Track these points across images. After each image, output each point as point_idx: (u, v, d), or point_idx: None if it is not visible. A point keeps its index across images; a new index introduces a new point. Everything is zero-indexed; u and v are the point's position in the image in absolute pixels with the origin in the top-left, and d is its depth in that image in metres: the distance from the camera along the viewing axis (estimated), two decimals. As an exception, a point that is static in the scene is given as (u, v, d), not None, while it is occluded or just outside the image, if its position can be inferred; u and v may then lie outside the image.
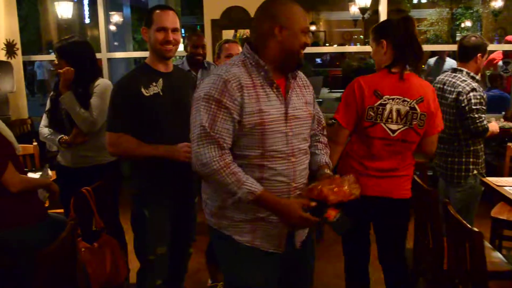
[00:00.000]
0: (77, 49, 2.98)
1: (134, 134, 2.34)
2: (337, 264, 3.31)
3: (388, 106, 2.37)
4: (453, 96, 3.13)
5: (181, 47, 3.00)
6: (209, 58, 5.13)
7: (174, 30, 2.37)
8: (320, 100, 11.58)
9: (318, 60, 17.26)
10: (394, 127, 2.39)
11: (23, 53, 5.86)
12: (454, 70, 3.26)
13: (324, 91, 13.68)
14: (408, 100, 2.37)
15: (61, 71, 2.91)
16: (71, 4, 5.69)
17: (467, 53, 3.21)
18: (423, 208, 2.64)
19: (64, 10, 5.50)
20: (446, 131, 3.09)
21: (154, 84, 2.36)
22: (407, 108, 2.37)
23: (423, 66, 7.13)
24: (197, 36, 4.24)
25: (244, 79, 1.77)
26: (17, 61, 5.75)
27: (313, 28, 16.96)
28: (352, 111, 2.42)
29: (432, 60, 7.70)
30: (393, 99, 2.37)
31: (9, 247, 2.48)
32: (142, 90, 2.32)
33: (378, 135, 2.40)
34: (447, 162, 3.26)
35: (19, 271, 2.49)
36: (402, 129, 2.39)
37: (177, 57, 5.52)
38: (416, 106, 2.38)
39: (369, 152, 2.45)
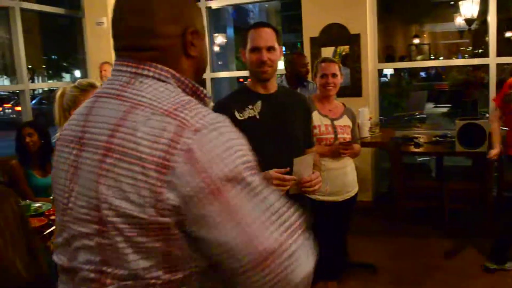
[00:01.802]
0: None
1: None
2: None
3: None
4: None
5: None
6: (309, 76, 5.19)
7: (270, 49, 2.16)
8: (424, 116, 11.13)
9: (423, 74, 16.64)
10: None
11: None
12: None
13: (429, 106, 13.13)
14: None
15: None
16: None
17: None
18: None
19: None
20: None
21: (250, 107, 2.19)
22: None
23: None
24: (302, 56, 4.37)
25: None
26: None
27: (416, 41, 16.43)
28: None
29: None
30: None
31: None
32: (236, 114, 2.16)
33: None
34: None
35: None
36: None
37: (278, 75, 5.60)
38: None
39: None
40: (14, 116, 15.74)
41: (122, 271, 0.97)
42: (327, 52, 5.39)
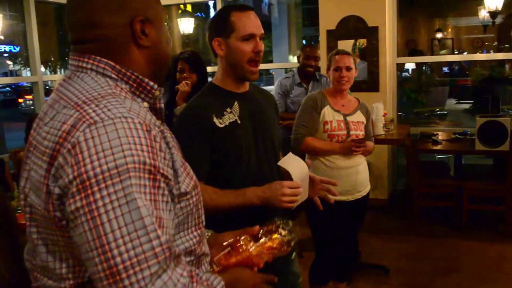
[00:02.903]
0: (201, 60, 3.10)
1: (208, 180, 1.73)
2: None
3: None
4: None
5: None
6: (323, 70, 5.06)
7: (261, 37, 1.78)
8: (445, 112, 10.89)
9: (445, 69, 16.33)
10: None
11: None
12: None
13: (451, 102, 12.85)
14: None
15: (180, 86, 2.99)
16: (192, 20, 5.95)
17: None
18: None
19: (185, 26, 5.78)
20: None
21: (229, 110, 1.79)
22: None
23: None
24: (310, 47, 4.21)
25: None
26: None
27: (439, 35, 16.12)
28: None
29: None
30: None
31: None
32: (215, 121, 1.75)
33: None
34: None
35: None
36: None
37: (287, 69, 5.51)
38: None
39: None
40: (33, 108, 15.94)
41: (40, 262, 0.99)
42: (344, 45, 5.23)
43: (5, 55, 19.96)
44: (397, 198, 5.47)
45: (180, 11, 7.23)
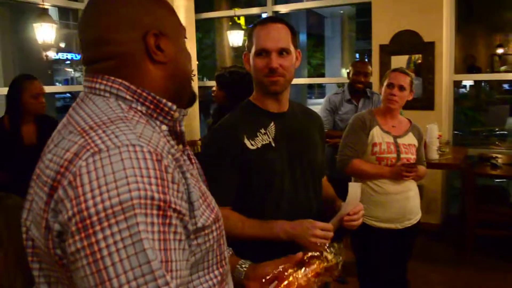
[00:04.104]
0: (235, 80, 2.96)
1: (236, 205, 1.63)
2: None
3: None
4: None
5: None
6: (376, 87, 4.86)
7: (282, 52, 1.60)
8: (505, 132, 10.34)
9: (506, 86, 15.63)
10: None
11: (202, 79, 6.27)
12: None
13: (511, 121, 12.23)
14: None
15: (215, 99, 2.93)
16: (241, 33, 5.90)
17: None
18: None
19: (235, 39, 5.72)
20: None
21: (262, 131, 1.66)
22: None
23: None
24: (360, 63, 4.04)
25: None
26: (193, 86, 6.15)
27: (500, 51, 15.47)
28: None
29: None
30: None
31: None
32: (246, 142, 1.63)
33: None
34: None
35: None
36: None
37: (338, 84, 5.34)
38: None
39: None
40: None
41: None
42: (398, 60, 5.01)
43: (67, 62, 20.74)
44: (450, 224, 5.14)
45: (230, 23, 7.23)
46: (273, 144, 1.66)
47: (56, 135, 0.89)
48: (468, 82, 13.60)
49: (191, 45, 6.42)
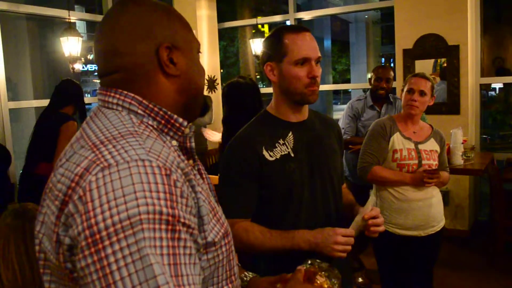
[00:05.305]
0: (234, 92, 2.90)
1: (256, 216, 1.64)
2: None
3: None
4: None
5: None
6: (399, 92, 4.80)
7: (318, 60, 1.63)
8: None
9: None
10: None
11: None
12: None
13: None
14: None
15: None
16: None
17: None
18: None
19: (258, 47, 5.74)
20: None
21: (281, 141, 1.65)
22: None
23: None
24: (382, 68, 3.99)
25: None
26: (217, 95, 6.20)
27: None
28: None
29: None
30: None
31: None
32: (265, 153, 1.62)
33: None
34: None
35: None
36: None
37: (364, 90, 5.30)
38: None
39: None
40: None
41: None
42: (423, 65, 4.95)
43: (96, 74, 21.12)
44: (478, 230, 5.03)
45: (254, 31, 7.26)
46: (292, 155, 1.65)
47: (68, 149, 0.91)
48: (497, 85, 13.28)
49: (214, 54, 6.48)
